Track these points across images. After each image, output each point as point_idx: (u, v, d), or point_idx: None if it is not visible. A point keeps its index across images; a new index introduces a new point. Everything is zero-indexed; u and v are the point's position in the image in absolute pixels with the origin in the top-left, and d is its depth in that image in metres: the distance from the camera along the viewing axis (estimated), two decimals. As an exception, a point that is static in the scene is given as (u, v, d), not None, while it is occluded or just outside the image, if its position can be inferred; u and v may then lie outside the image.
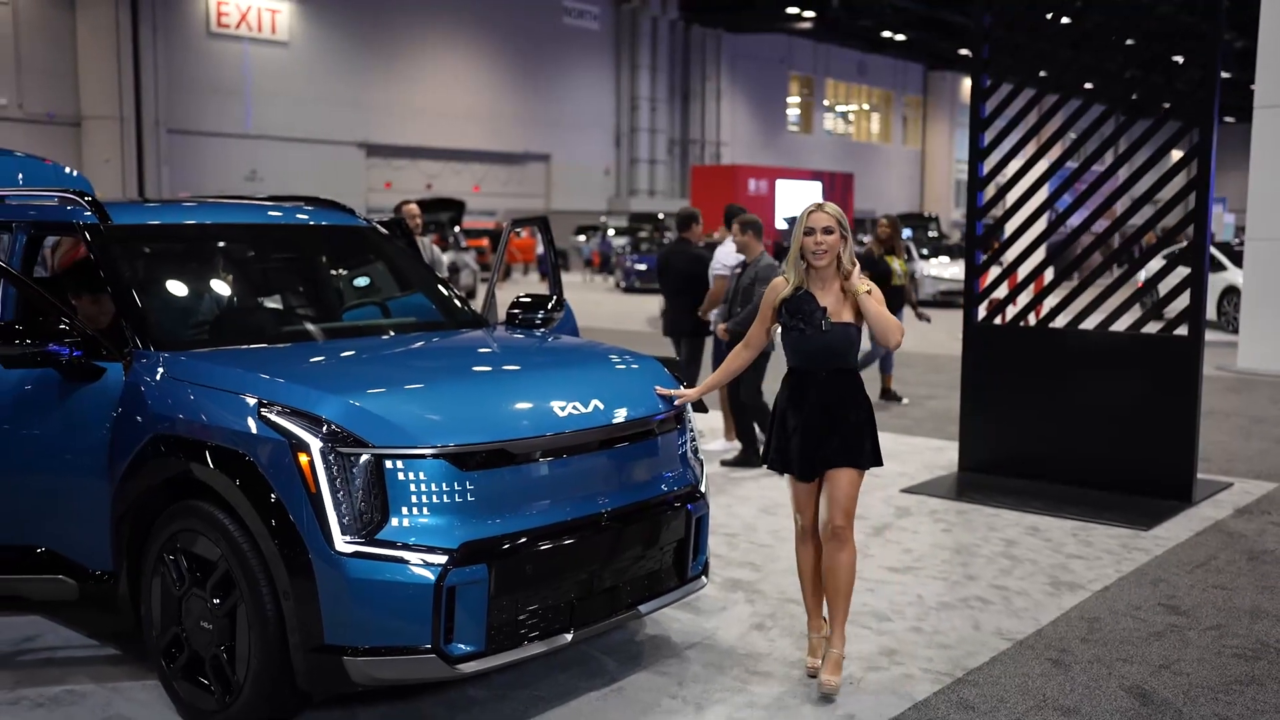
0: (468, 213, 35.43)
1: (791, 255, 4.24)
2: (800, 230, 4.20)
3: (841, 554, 4.27)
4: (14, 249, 4.79)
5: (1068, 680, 4.38)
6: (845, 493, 4.26)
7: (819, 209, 4.22)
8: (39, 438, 4.23)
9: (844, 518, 4.27)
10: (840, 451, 4.24)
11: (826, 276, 4.25)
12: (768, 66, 51.75)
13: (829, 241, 4.17)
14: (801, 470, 4.28)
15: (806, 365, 4.25)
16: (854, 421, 4.25)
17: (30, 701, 4.11)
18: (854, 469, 4.26)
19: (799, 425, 4.24)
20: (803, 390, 4.26)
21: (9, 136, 28.23)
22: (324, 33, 35.39)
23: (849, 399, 4.27)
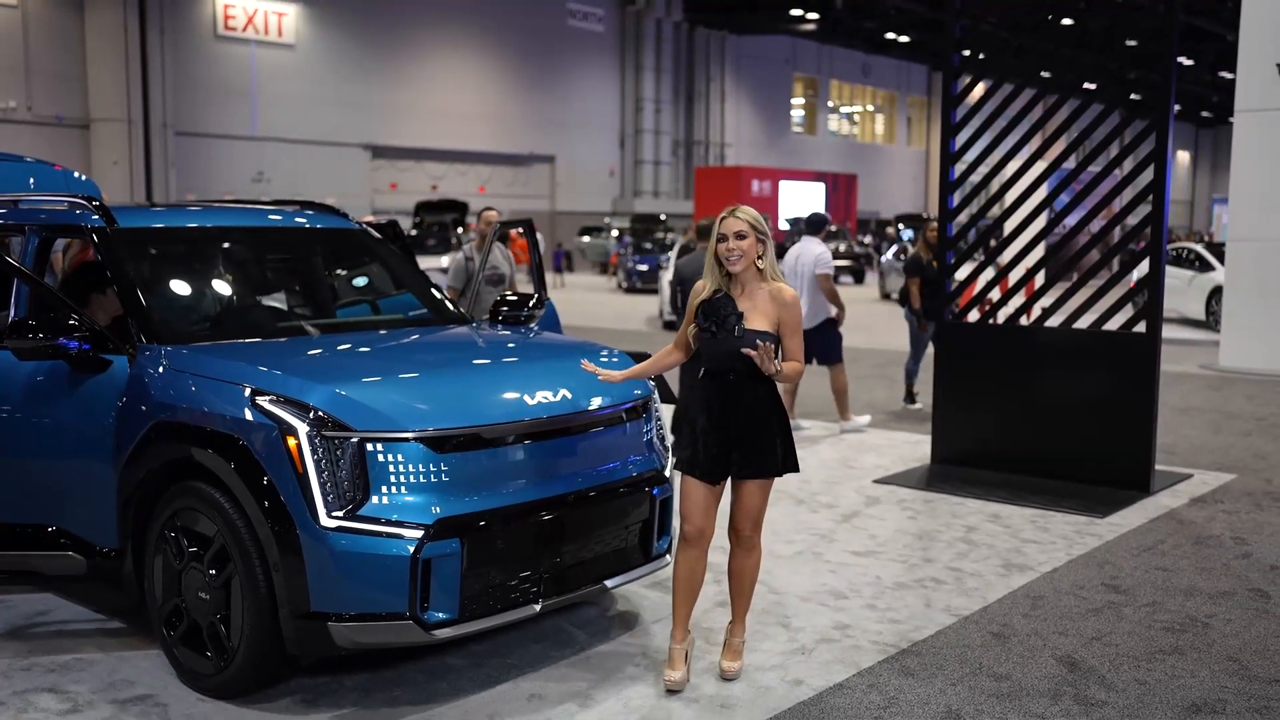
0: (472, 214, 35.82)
1: (708, 260, 4.22)
2: (714, 237, 4.19)
3: (749, 559, 4.37)
4: (26, 250, 5.13)
5: (1004, 651, 4.71)
6: (754, 502, 4.28)
7: (731, 214, 4.18)
8: (51, 425, 4.58)
9: (753, 526, 4.31)
10: (750, 459, 4.20)
11: (746, 281, 4.19)
12: (772, 68, 52.06)
13: (741, 246, 4.13)
14: (709, 473, 4.21)
15: (717, 368, 4.19)
16: (764, 428, 4.20)
17: (43, 668, 4.46)
18: (763, 478, 4.25)
19: (708, 428, 4.19)
20: (713, 394, 4.20)
21: (18, 139, 28.71)
22: (330, 35, 35.78)
23: (760, 405, 4.20)
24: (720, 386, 4.20)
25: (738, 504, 4.29)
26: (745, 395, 4.18)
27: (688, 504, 4.25)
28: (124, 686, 4.28)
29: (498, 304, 5.93)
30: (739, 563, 4.38)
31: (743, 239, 4.15)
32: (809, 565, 5.85)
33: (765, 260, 4.21)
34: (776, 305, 4.17)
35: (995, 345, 7.97)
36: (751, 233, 4.15)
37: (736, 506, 4.30)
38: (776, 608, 5.21)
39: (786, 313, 4.18)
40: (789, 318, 4.19)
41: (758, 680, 4.39)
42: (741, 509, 4.30)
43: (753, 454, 4.20)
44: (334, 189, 35.63)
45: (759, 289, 4.20)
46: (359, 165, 37.23)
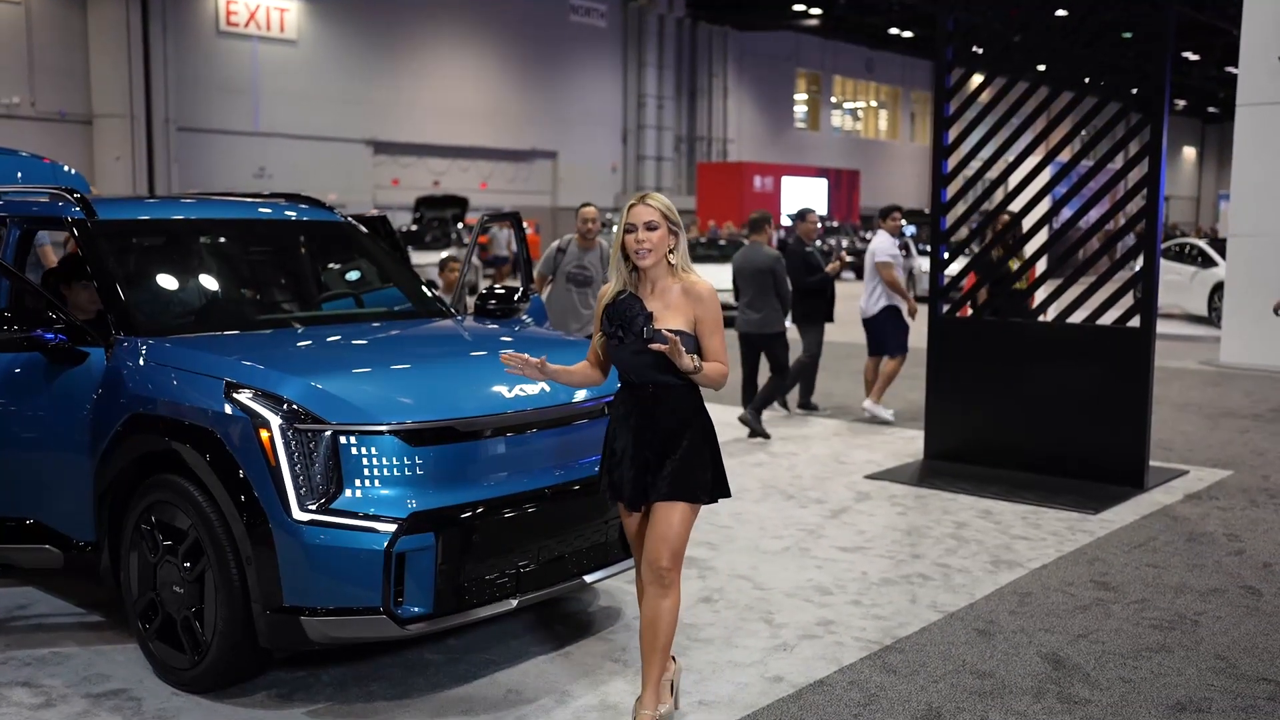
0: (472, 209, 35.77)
1: (613, 255, 3.74)
2: (620, 227, 3.71)
3: (664, 601, 3.72)
4: (8, 243, 5.11)
5: (989, 647, 4.66)
6: (674, 530, 3.69)
7: (640, 201, 3.70)
8: (27, 417, 4.55)
9: (671, 558, 3.70)
10: (670, 481, 3.68)
11: (656, 277, 3.72)
12: (775, 64, 51.94)
13: (652, 239, 3.65)
14: (631, 499, 3.74)
15: (631, 378, 3.73)
16: (687, 445, 3.70)
17: (19, 661, 4.43)
18: (685, 503, 3.71)
19: (629, 447, 3.72)
20: (632, 406, 3.73)
21: (22, 134, 28.66)
22: (332, 31, 35.72)
23: (681, 418, 3.71)
24: (638, 399, 3.72)
25: (653, 531, 3.72)
26: (667, 407, 3.71)
27: (633, 533, 3.86)
28: (99, 681, 4.25)
29: (483, 297, 5.89)
30: (653, 607, 3.73)
31: (654, 230, 3.66)
32: (795, 561, 5.81)
33: (677, 254, 3.74)
34: (691, 301, 3.69)
35: (988, 340, 7.91)
36: (663, 223, 3.68)
37: (651, 534, 3.72)
38: (760, 603, 5.17)
39: (703, 308, 3.71)
40: (706, 314, 3.71)
41: (736, 677, 4.35)
42: (657, 536, 3.70)
43: (675, 473, 3.68)
44: (336, 185, 35.57)
45: (671, 285, 3.72)
46: (361, 161, 37.16)
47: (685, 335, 3.67)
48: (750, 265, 8.91)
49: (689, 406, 3.75)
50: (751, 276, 8.87)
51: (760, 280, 8.83)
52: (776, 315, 8.91)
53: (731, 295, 9.01)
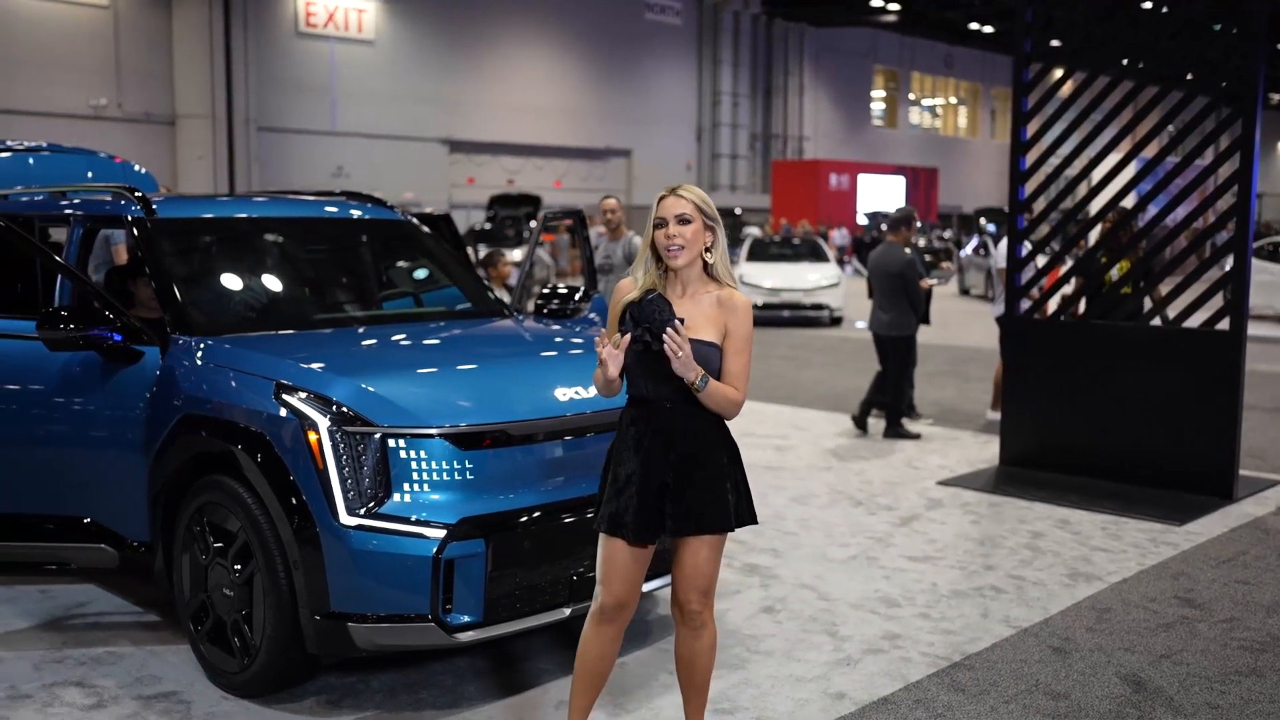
0: (546, 207, 35.82)
1: (642, 251, 3.35)
2: (650, 221, 3.33)
3: (699, 641, 3.43)
4: (71, 241, 5.12)
5: (1064, 667, 4.44)
6: (703, 567, 3.34)
7: (672, 193, 3.31)
8: (85, 416, 4.54)
9: (701, 598, 3.37)
10: (695, 511, 3.28)
11: (688, 280, 3.32)
12: (852, 60, 51.35)
13: (685, 234, 3.25)
14: (638, 531, 3.27)
15: (649, 392, 3.28)
16: (713, 469, 3.30)
17: (74, 660, 4.42)
18: (714, 534, 3.33)
19: (637, 472, 3.28)
20: (645, 425, 3.29)
21: (109, 135, 29.36)
22: (409, 31, 36.05)
23: (706, 439, 3.30)
24: (654, 417, 3.28)
25: (680, 570, 3.36)
26: (688, 427, 3.28)
27: (609, 568, 3.34)
28: (150, 682, 4.22)
29: (544, 297, 5.80)
30: (687, 647, 3.45)
31: (687, 224, 3.26)
32: (862, 571, 5.61)
33: (715, 253, 3.32)
34: (725, 312, 3.27)
35: (1066, 342, 7.62)
36: (698, 217, 3.27)
37: (678, 573, 3.37)
38: (824, 615, 4.99)
39: (735, 321, 3.28)
40: (738, 328, 3.28)
41: (796, 693, 4.18)
42: (684, 576, 3.35)
43: (698, 504, 3.28)
44: (412, 184, 35.91)
45: (704, 292, 3.31)
46: (437, 160, 37.46)
47: (714, 349, 3.27)
48: (884, 266, 8.86)
49: (714, 426, 3.31)
50: (884, 277, 8.82)
51: (892, 282, 8.77)
52: (906, 318, 8.82)
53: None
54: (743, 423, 9.44)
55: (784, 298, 18.08)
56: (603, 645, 3.44)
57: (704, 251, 3.31)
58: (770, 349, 15.05)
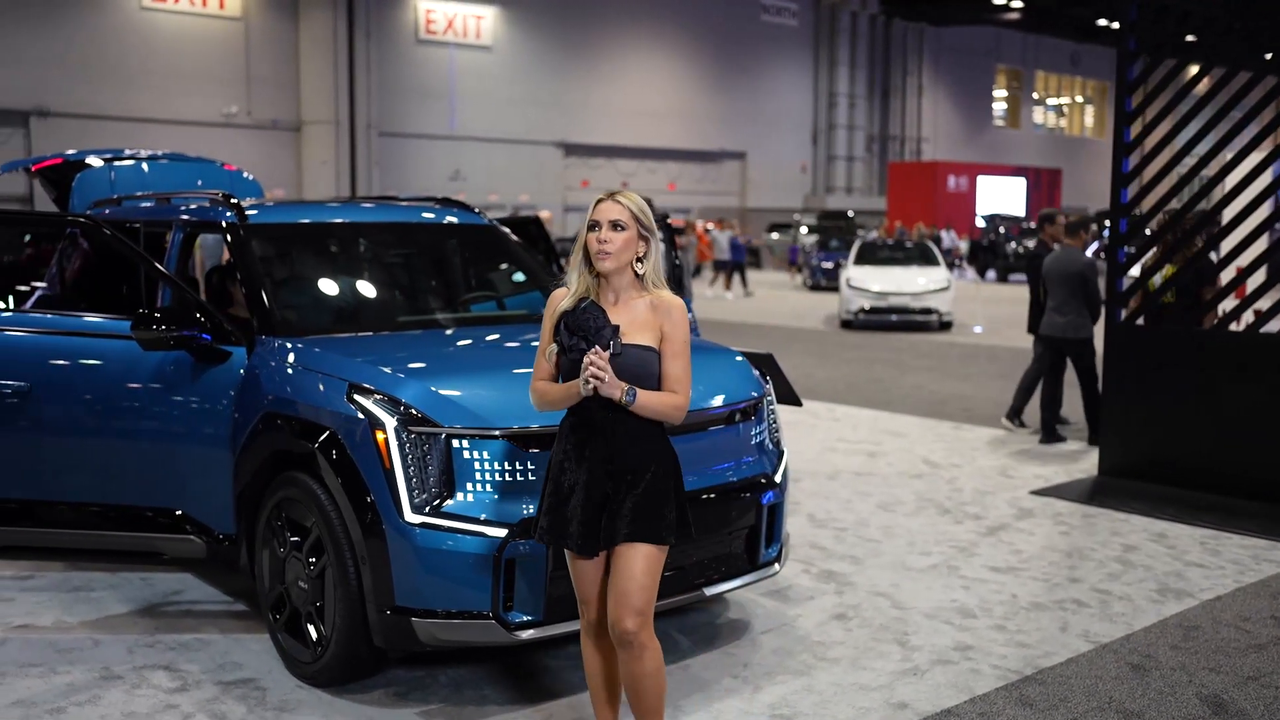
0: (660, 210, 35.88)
1: (574, 257, 3.30)
2: (585, 224, 3.29)
3: (641, 665, 3.27)
4: (172, 245, 5.37)
5: (1142, 684, 4.31)
6: (638, 581, 3.23)
7: (610, 197, 3.27)
8: (176, 413, 4.75)
9: (635, 617, 3.23)
10: (631, 520, 3.22)
11: (620, 286, 3.28)
12: (973, 59, 50.38)
13: (616, 240, 3.21)
14: (582, 543, 3.27)
15: (588, 401, 3.23)
16: (651, 479, 3.25)
17: (164, 645, 4.64)
18: (650, 544, 3.25)
19: (579, 483, 3.26)
20: (584, 436, 3.26)
21: (238, 142, 30.56)
22: (525, 36, 36.64)
23: (644, 449, 3.26)
24: (593, 426, 3.25)
25: (613, 587, 3.26)
26: (628, 435, 3.24)
27: (582, 587, 3.38)
28: (232, 669, 4.40)
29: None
30: (629, 672, 3.31)
31: (620, 230, 3.22)
32: (941, 580, 5.53)
33: (647, 263, 3.28)
34: (659, 316, 3.25)
35: (1172, 350, 7.36)
36: (633, 225, 3.23)
37: (612, 591, 3.27)
38: (896, 624, 4.93)
39: (671, 325, 3.25)
40: (674, 332, 3.25)
41: (858, 701, 4.15)
42: (618, 594, 3.24)
43: (635, 513, 3.22)
44: (527, 186, 36.50)
45: (636, 298, 3.29)
46: (552, 163, 37.99)
47: (650, 353, 3.25)
48: (1062, 269, 8.78)
49: (652, 435, 3.28)
50: (1062, 280, 8.74)
51: (1070, 284, 8.70)
52: (1083, 321, 8.73)
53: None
54: (834, 429, 9.38)
55: (891, 302, 17.83)
56: (602, 658, 3.48)
57: (635, 262, 3.27)
58: (873, 353, 14.87)
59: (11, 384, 4.76)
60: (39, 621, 4.92)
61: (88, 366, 4.82)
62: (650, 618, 3.28)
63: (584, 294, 3.27)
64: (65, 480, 4.86)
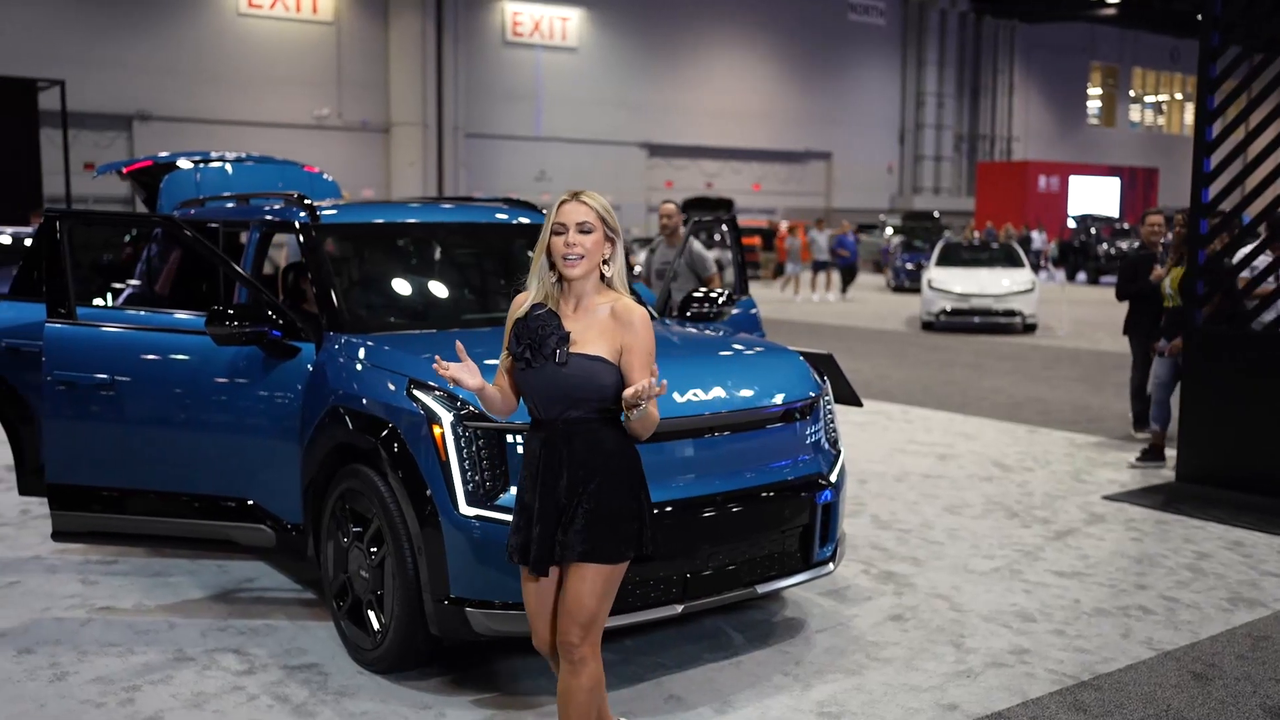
0: (741, 211, 35.94)
1: (535, 261, 3.16)
2: (548, 227, 3.13)
3: (577, 678, 3.16)
4: (250, 244, 5.56)
5: (1203, 693, 4.23)
6: (586, 601, 3.10)
7: (574, 198, 3.12)
8: (247, 406, 4.92)
9: (580, 632, 3.12)
10: (584, 536, 3.08)
11: (583, 291, 3.14)
12: (1067, 56, 49.33)
13: (585, 243, 3.08)
14: (536, 561, 3.12)
15: (541, 413, 3.14)
16: (606, 491, 3.10)
17: (235, 630, 4.82)
18: (600, 563, 3.10)
19: (537, 499, 3.13)
20: (539, 449, 3.14)
21: (329, 144, 31.26)
22: (610, 38, 36.85)
23: (600, 458, 3.10)
24: (548, 438, 3.12)
25: (562, 601, 3.15)
26: (583, 446, 3.10)
27: (529, 604, 3.24)
28: (297, 654, 4.55)
29: (687, 300, 5.92)
30: (564, 683, 3.19)
31: (587, 233, 3.08)
32: (1002, 583, 5.48)
33: (613, 266, 3.16)
34: (620, 326, 3.09)
35: (1255, 353, 7.17)
36: (600, 226, 3.10)
37: (560, 604, 3.16)
38: (953, 626, 4.91)
39: (632, 336, 3.08)
40: (635, 343, 3.08)
41: (908, 702, 4.15)
42: (565, 607, 3.13)
43: (590, 527, 3.08)
44: (611, 187, 36.65)
45: (598, 304, 3.14)
46: (636, 164, 38.14)
47: (605, 365, 3.08)
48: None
49: (609, 443, 3.12)
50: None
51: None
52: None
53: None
54: (905, 430, 9.31)
55: (974, 303, 17.60)
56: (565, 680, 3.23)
57: (601, 264, 3.14)
58: (952, 355, 14.69)
59: (106, 377, 4.96)
60: (120, 604, 5.14)
61: (171, 361, 5.01)
62: (598, 634, 3.17)
63: (542, 300, 3.14)
64: (153, 470, 5.06)
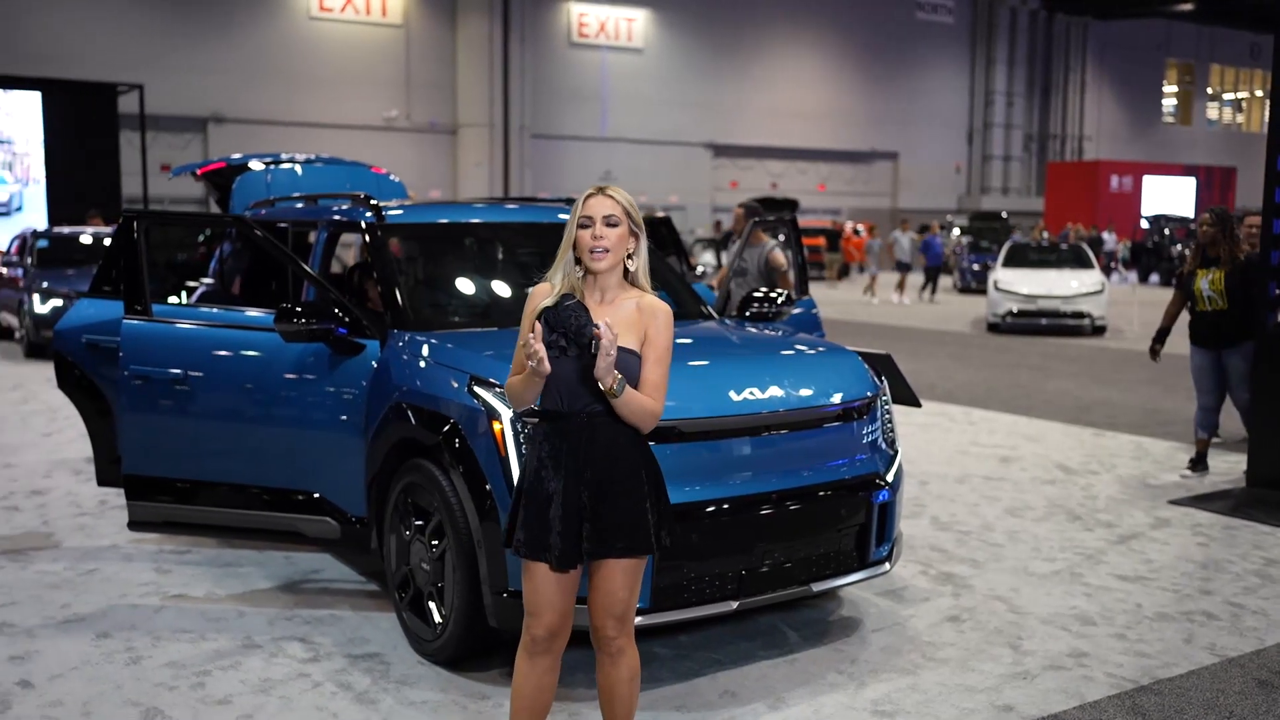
0: (806, 211, 35.78)
1: (561, 253, 3.20)
2: (574, 220, 3.16)
3: (617, 669, 3.25)
4: (317, 243, 5.70)
5: (1268, 702, 4.17)
6: (620, 594, 3.18)
7: (600, 193, 3.16)
8: (314, 401, 5.04)
9: (616, 624, 3.20)
10: (611, 532, 3.12)
11: (608, 285, 3.19)
12: (1141, 54, 48.43)
13: (611, 236, 3.11)
14: (561, 557, 3.12)
15: (564, 405, 3.12)
16: (632, 489, 3.14)
17: (300, 620, 4.94)
18: (631, 557, 3.16)
19: (556, 492, 3.12)
20: (560, 441, 3.13)
21: (397, 145, 31.70)
22: (676, 38, 36.91)
23: (623, 454, 3.14)
24: (570, 430, 3.13)
25: (594, 595, 3.20)
26: (605, 441, 3.12)
27: (536, 598, 3.19)
28: (360, 644, 4.66)
29: (746, 300, 5.95)
30: (605, 675, 3.28)
31: (614, 227, 3.11)
32: (1062, 586, 5.43)
33: (637, 260, 3.21)
34: (645, 319, 3.14)
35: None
36: (625, 220, 3.14)
37: (593, 598, 3.21)
38: (1011, 628, 4.89)
39: (655, 329, 3.15)
40: (657, 336, 3.15)
41: (962, 702, 4.14)
42: (599, 602, 3.19)
43: (615, 524, 3.12)
44: (676, 188, 36.75)
45: (624, 298, 3.19)
46: (701, 164, 38.17)
47: (634, 356, 3.12)
48: None
49: (630, 439, 3.15)
50: None
51: None
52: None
53: None
54: (967, 432, 9.24)
55: (1041, 305, 17.38)
56: (539, 677, 3.27)
57: (626, 258, 3.19)
58: (1018, 357, 14.53)
59: (180, 372, 5.12)
60: (192, 592, 5.30)
61: (241, 357, 5.15)
62: (631, 624, 3.24)
63: (568, 292, 3.15)
64: (224, 462, 5.21)
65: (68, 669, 4.40)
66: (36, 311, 13.45)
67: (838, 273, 32.10)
